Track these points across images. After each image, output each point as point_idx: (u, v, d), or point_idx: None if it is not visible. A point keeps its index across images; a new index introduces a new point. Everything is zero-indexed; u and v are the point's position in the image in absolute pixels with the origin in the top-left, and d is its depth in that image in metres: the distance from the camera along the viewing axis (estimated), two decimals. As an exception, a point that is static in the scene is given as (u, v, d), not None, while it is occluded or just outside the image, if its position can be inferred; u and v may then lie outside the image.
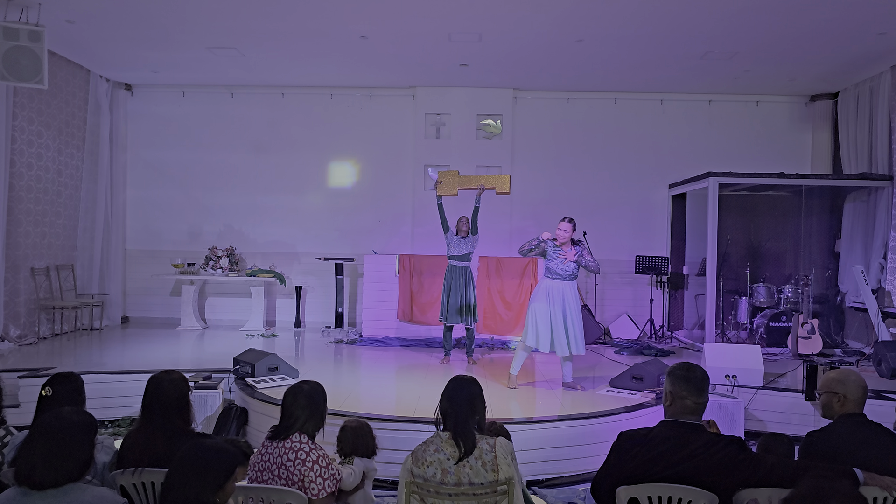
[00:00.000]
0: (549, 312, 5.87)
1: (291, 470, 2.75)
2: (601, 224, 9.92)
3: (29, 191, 8.21)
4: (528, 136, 10.11)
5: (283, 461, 2.77)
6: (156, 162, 10.23)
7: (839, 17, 6.77)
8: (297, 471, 2.75)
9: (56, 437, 2.16)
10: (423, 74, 9.32)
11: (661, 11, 6.77)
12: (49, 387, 3.10)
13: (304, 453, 2.79)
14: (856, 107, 9.07)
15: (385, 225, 10.11)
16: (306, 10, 6.90)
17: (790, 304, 8.69)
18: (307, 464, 2.77)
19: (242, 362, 6.05)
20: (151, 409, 2.87)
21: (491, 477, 2.57)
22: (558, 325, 5.85)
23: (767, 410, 5.82)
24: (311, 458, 2.78)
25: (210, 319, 10.01)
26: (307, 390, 2.96)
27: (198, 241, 10.16)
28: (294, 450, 2.79)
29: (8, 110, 7.63)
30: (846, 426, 2.86)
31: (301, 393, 2.93)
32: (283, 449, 2.80)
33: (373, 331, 8.83)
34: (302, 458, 2.77)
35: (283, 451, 2.79)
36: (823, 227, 9.65)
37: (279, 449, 2.80)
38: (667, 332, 9.56)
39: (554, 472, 4.77)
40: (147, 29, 7.54)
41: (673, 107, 10.08)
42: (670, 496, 2.52)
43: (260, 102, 10.20)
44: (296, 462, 2.76)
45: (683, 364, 2.77)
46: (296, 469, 2.75)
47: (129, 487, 2.67)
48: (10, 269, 7.85)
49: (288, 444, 2.81)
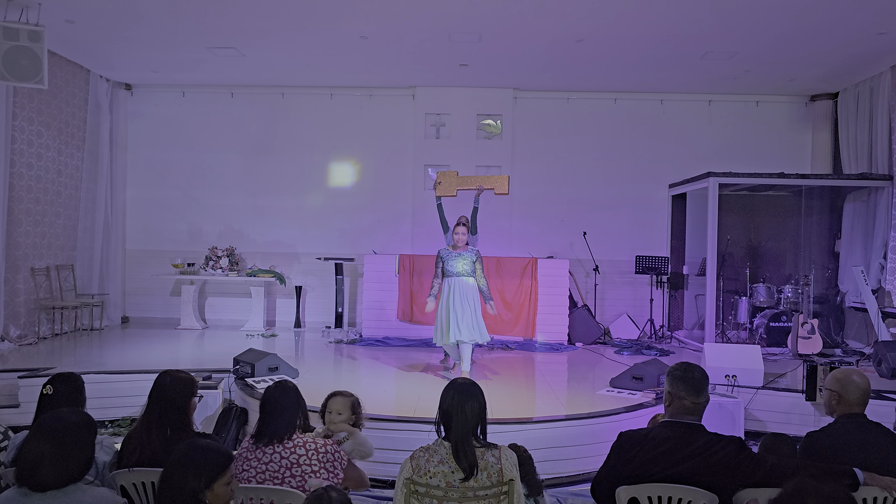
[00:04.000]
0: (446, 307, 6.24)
1: (307, 469, 2.74)
2: (601, 224, 9.92)
3: (29, 191, 8.21)
4: (528, 137, 10.11)
5: (290, 462, 2.75)
6: (156, 162, 10.23)
7: (839, 17, 6.77)
8: (314, 466, 2.75)
9: (57, 438, 2.16)
10: (423, 74, 9.32)
11: (661, 11, 6.77)
12: (50, 385, 3.10)
13: (309, 447, 2.78)
14: (856, 107, 9.07)
15: (385, 225, 10.11)
16: (307, 10, 6.90)
17: (790, 304, 8.69)
18: (321, 454, 2.77)
19: (242, 362, 6.05)
20: (155, 404, 2.88)
21: (497, 487, 2.55)
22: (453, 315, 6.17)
23: (767, 410, 5.82)
24: (320, 450, 2.79)
25: (210, 319, 10.01)
26: (291, 387, 2.95)
27: (198, 241, 10.16)
28: (297, 448, 2.78)
29: (8, 110, 7.63)
30: (846, 426, 2.87)
31: (289, 391, 2.92)
32: (286, 451, 2.77)
33: (373, 331, 8.83)
34: (310, 453, 2.77)
35: (286, 452, 2.77)
36: (823, 227, 9.65)
37: (280, 451, 2.78)
38: (667, 332, 9.56)
39: (554, 472, 4.76)
40: (147, 29, 7.54)
41: (673, 107, 10.08)
42: (670, 496, 2.52)
43: (260, 102, 10.20)
44: (306, 457, 2.76)
45: (682, 364, 2.77)
46: (311, 464, 2.75)
47: (129, 487, 2.67)
48: (10, 269, 7.85)
49: (290, 444, 2.79)
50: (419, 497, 2.55)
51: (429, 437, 2.78)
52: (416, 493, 2.56)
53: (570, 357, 8.00)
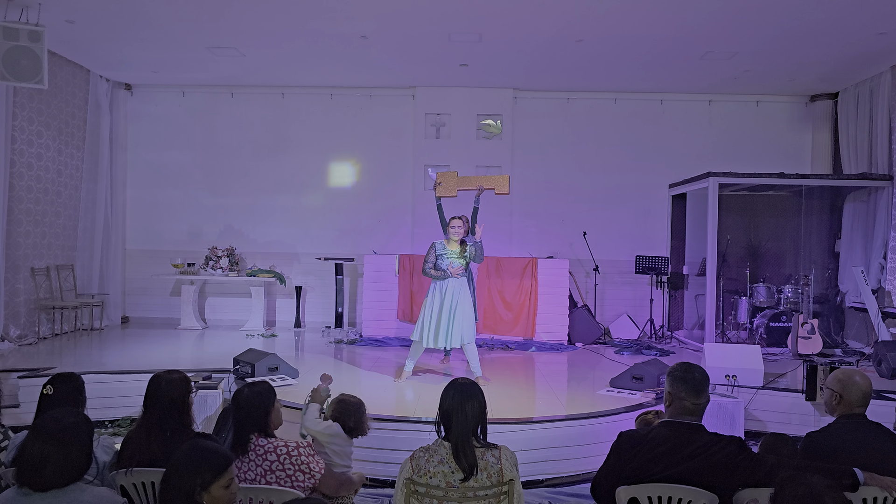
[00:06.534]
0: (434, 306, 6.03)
1: (282, 474, 2.74)
2: (601, 224, 9.93)
3: (29, 191, 8.21)
4: (528, 137, 10.11)
5: (264, 470, 2.76)
6: (156, 162, 10.23)
7: (839, 17, 6.77)
8: (289, 470, 2.75)
9: (57, 439, 2.16)
10: (423, 74, 9.32)
11: (661, 11, 6.77)
12: (50, 385, 3.10)
13: (281, 451, 2.78)
14: (856, 107, 9.07)
15: (385, 225, 10.11)
16: (306, 10, 6.90)
17: (790, 304, 8.69)
18: (293, 458, 2.77)
19: (242, 362, 6.05)
20: (152, 408, 2.87)
21: (497, 487, 2.55)
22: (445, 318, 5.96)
23: (767, 410, 5.82)
24: (292, 453, 2.79)
25: (210, 319, 10.01)
26: (241, 397, 2.92)
27: (198, 241, 10.16)
28: (268, 454, 2.78)
29: (8, 110, 7.63)
30: (846, 427, 2.87)
31: (238, 401, 2.90)
32: (259, 458, 2.78)
33: (373, 331, 8.83)
34: (282, 458, 2.77)
35: (259, 460, 2.78)
36: (823, 227, 9.65)
37: (253, 458, 2.78)
38: (667, 332, 9.56)
39: (554, 472, 4.77)
40: (147, 29, 7.54)
41: (673, 107, 10.08)
42: (670, 496, 2.52)
43: (260, 102, 10.20)
44: (278, 462, 2.76)
45: (682, 364, 2.77)
46: (285, 468, 2.75)
47: (129, 487, 2.67)
48: (10, 269, 7.85)
49: (261, 451, 2.79)
50: (419, 497, 2.56)
51: (429, 437, 2.78)
52: (416, 493, 2.56)
53: (570, 357, 8.00)
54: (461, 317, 5.98)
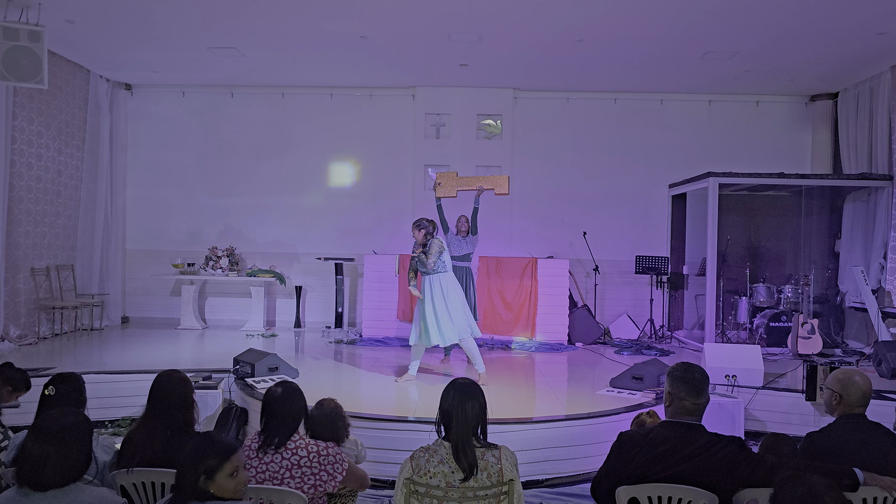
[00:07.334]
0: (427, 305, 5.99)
1: (307, 471, 2.74)
2: (601, 224, 9.93)
3: (29, 191, 8.21)
4: (528, 137, 10.11)
5: (291, 464, 2.74)
6: (156, 162, 10.23)
7: (839, 17, 6.77)
8: (315, 469, 2.75)
9: (57, 439, 2.17)
10: (423, 74, 9.32)
11: (661, 11, 6.77)
12: (52, 386, 3.11)
13: (311, 449, 2.77)
14: (856, 107, 9.07)
15: (385, 225, 10.11)
16: (306, 11, 6.90)
17: (790, 304, 8.69)
18: (322, 457, 2.77)
19: (242, 362, 6.05)
20: (156, 406, 2.88)
21: (497, 487, 2.55)
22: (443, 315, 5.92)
23: (767, 410, 5.82)
24: (322, 452, 2.78)
25: (210, 319, 10.01)
26: (296, 390, 2.92)
27: (198, 241, 10.16)
28: (298, 450, 2.77)
29: (8, 110, 7.63)
30: (845, 427, 2.87)
31: (296, 396, 2.89)
32: (288, 452, 2.76)
33: (373, 331, 8.83)
34: (311, 455, 2.76)
35: (287, 454, 2.76)
36: (823, 227, 9.65)
37: (282, 452, 2.76)
38: (667, 332, 9.56)
39: (554, 472, 4.77)
40: (147, 29, 7.54)
41: (673, 107, 10.08)
42: (670, 496, 2.52)
43: (260, 102, 10.20)
44: (307, 459, 2.75)
45: (682, 364, 2.76)
46: (311, 466, 2.74)
47: (129, 487, 2.67)
48: (10, 269, 7.85)
49: (291, 446, 2.78)
50: (419, 497, 2.56)
51: (429, 437, 2.78)
52: (416, 493, 2.56)
53: (570, 357, 8.00)
54: (455, 312, 5.97)
